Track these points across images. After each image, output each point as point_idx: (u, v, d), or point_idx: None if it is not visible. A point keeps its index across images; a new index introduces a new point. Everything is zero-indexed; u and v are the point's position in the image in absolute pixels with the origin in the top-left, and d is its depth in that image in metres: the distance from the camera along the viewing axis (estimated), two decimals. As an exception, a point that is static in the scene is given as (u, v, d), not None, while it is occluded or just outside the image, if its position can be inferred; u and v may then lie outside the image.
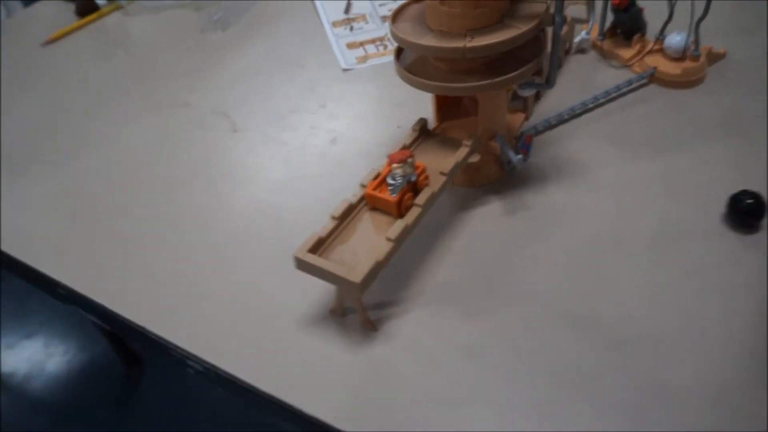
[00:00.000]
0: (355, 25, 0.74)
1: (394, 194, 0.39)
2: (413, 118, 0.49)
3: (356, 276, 0.36)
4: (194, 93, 0.67)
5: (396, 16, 0.45)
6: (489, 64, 0.44)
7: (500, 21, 0.43)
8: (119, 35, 0.82)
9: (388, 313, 0.42)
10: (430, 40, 0.42)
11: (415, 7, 0.46)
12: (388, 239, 0.38)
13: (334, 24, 0.74)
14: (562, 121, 0.57)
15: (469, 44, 0.40)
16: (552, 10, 0.42)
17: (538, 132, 0.56)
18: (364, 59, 0.68)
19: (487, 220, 0.48)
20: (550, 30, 0.44)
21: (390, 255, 0.38)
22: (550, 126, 0.57)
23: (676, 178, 0.50)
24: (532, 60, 0.44)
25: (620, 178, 0.51)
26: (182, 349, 0.42)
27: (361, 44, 0.70)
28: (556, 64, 0.44)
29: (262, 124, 0.61)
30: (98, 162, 0.59)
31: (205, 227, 0.51)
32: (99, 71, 0.73)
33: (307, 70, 0.68)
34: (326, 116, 0.61)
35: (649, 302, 0.41)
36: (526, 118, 0.58)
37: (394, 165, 0.39)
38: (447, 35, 0.42)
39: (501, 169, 0.51)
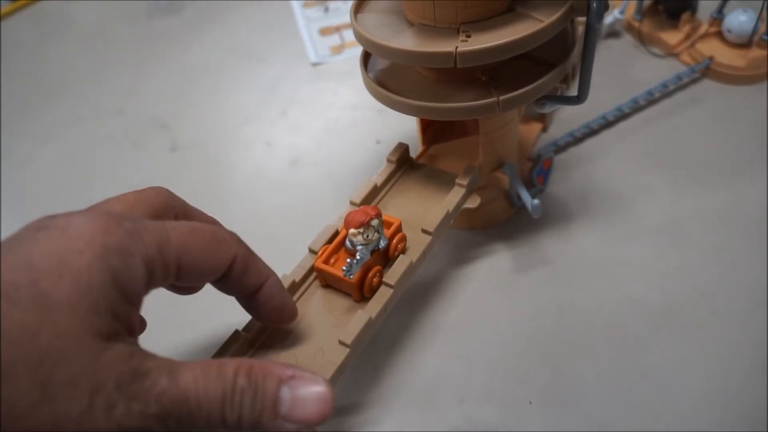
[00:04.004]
0: (330, 4, 0.60)
1: (350, 275, 0.27)
2: (398, 132, 0.36)
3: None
4: (132, 97, 0.54)
5: (360, 4, 0.32)
6: (494, 69, 0.31)
7: (510, 9, 0.29)
8: (58, 22, 0.68)
9: (350, 423, 0.30)
10: (405, 41, 0.29)
11: (388, -10, 0.33)
12: (342, 343, 0.26)
13: (306, 4, 0.61)
14: (590, 133, 0.44)
15: (463, 48, 0.27)
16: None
17: (559, 149, 0.43)
18: (339, 49, 0.54)
19: (492, 281, 0.36)
20: (580, 22, 0.31)
21: (344, 367, 0.26)
22: (575, 140, 0.43)
23: (751, 216, 0.37)
24: (556, 65, 0.30)
25: (672, 215, 0.38)
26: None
27: (338, 29, 0.57)
28: (590, 71, 0.30)
29: (208, 140, 0.48)
30: (5, 192, 0.47)
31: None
32: (26, 68, 0.61)
33: (270, 65, 0.55)
34: (287, 127, 0.48)
35: (720, 413, 0.29)
36: (544, 130, 0.44)
37: (352, 231, 0.27)
38: (432, 32, 0.29)
39: (510, 206, 0.38)
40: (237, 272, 0.23)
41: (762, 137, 0.42)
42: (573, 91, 0.33)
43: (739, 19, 0.46)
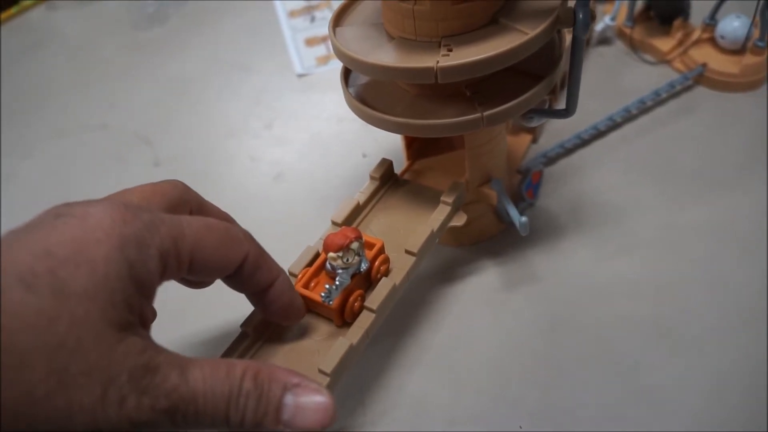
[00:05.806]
0: (317, 14, 0.59)
1: (330, 301, 0.26)
2: (385, 145, 0.35)
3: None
4: (115, 109, 0.53)
5: (339, 16, 0.31)
6: (479, 83, 0.30)
7: (494, 21, 0.28)
8: (41, 34, 0.67)
9: (335, 457, 0.29)
10: (384, 56, 0.27)
11: (367, 4, 0.32)
12: (322, 372, 0.25)
13: (292, 14, 0.60)
14: (581, 143, 0.43)
15: (444, 63, 0.26)
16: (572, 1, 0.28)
17: (549, 161, 0.42)
18: (325, 60, 0.53)
19: (481, 299, 0.35)
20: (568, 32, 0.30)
21: (324, 398, 0.25)
22: (565, 151, 0.42)
23: (745, 228, 0.36)
24: (543, 77, 0.29)
25: (665, 228, 0.37)
26: None
27: (324, 39, 0.56)
28: (578, 83, 0.29)
29: (191, 155, 0.47)
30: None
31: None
32: (9, 81, 0.60)
33: (255, 76, 0.54)
34: (272, 141, 0.47)
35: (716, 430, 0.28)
36: (534, 141, 0.43)
37: (332, 255, 0.26)
38: (412, 46, 0.28)
39: (499, 222, 0.37)
40: (248, 270, 0.23)
41: (757, 146, 0.41)
42: (561, 104, 0.32)
43: (733, 25, 0.45)
